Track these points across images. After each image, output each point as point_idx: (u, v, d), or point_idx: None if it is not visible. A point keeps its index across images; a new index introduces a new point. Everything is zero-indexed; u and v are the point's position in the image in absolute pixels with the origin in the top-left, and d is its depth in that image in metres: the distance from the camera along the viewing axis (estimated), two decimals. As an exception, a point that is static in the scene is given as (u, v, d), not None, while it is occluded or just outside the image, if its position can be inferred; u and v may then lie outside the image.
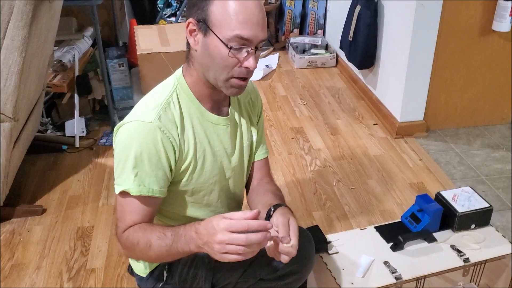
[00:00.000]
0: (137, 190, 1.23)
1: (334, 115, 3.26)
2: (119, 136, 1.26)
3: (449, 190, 1.74)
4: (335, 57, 3.95)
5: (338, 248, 1.61)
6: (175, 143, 1.25)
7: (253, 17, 1.16)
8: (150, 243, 1.20)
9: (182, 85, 1.30)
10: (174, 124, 1.26)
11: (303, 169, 2.69)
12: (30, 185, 2.56)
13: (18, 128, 2.18)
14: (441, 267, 1.55)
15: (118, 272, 2.03)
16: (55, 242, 2.19)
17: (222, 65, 1.20)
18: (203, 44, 1.21)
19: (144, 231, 1.23)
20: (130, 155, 1.22)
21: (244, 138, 1.44)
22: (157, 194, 1.25)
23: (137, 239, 1.23)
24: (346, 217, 2.33)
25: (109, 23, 3.80)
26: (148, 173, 1.23)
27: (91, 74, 3.20)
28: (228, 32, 1.16)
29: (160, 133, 1.22)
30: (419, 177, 2.63)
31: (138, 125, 1.22)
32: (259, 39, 1.19)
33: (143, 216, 1.26)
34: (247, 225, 1.06)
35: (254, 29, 1.17)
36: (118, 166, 1.25)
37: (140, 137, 1.22)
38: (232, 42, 1.16)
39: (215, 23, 1.17)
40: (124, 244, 1.27)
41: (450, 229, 1.69)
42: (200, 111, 1.32)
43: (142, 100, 1.31)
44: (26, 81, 2.10)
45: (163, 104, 1.26)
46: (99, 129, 3.07)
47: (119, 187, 1.25)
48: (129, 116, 1.27)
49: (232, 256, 1.07)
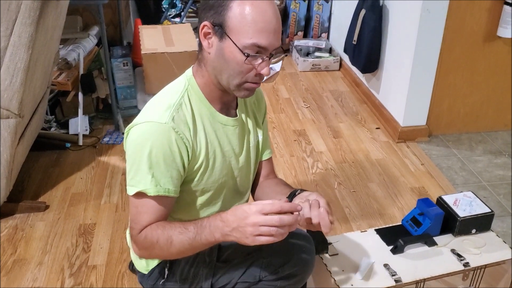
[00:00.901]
0: (155, 191, 1.24)
1: (337, 118, 3.27)
2: (132, 137, 1.26)
3: (450, 195, 1.75)
4: (338, 60, 3.96)
5: (338, 250, 1.62)
6: (188, 144, 1.27)
7: (271, 25, 1.18)
8: (172, 239, 1.22)
9: (193, 86, 1.32)
10: (186, 125, 1.27)
11: (305, 172, 2.70)
12: (33, 181, 2.57)
13: (23, 124, 2.19)
14: (441, 271, 1.55)
15: (119, 269, 2.04)
16: (57, 238, 2.20)
17: (237, 71, 1.22)
18: (218, 48, 1.22)
19: (163, 228, 1.24)
20: (146, 155, 1.22)
21: (251, 139, 1.47)
22: (172, 194, 1.27)
23: (156, 237, 1.24)
24: (346, 219, 2.34)
25: (114, 23, 3.81)
26: (163, 174, 1.24)
27: (96, 73, 3.21)
28: (246, 39, 1.17)
29: (174, 133, 1.24)
30: (421, 181, 2.63)
31: (152, 126, 1.24)
32: (274, 46, 1.21)
33: (159, 216, 1.27)
34: (280, 206, 1.11)
35: (271, 37, 1.19)
36: (132, 167, 1.26)
37: (155, 138, 1.23)
38: (248, 49, 1.18)
39: (232, 29, 1.18)
40: (142, 244, 1.28)
41: (451, 233, 1.69)
42: (211, 112, 1.33)
43: (152, 101, 1.32)
44: (32, 78, 2.11)
45: (176, 105, 1.27)
46: (102, 127, 3.08)
47: (134, 188, 1.25)
48: (141, 117, 1.27)
49: (264, 238, 1.11)
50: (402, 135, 2.98)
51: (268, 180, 1.58)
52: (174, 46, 3.12)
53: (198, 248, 1.25)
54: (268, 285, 1.40)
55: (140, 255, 1.35)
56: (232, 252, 1.44)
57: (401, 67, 2.94)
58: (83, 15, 3.48)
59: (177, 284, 1.46)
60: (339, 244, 1.65)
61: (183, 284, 1.46)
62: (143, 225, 1.27)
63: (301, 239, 1.44)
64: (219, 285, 1.44)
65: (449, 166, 2.78)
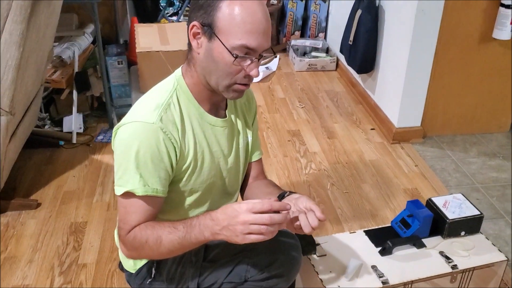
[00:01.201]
0: (143, 190, 1.23)
1: (332, 118, 3.27)
2: (120, 136, 1.26)
3: (440, 197, 1.75)
4: (335, 60, 3.96)
5: (326, 251, 1.62)
6: (176, 144, 1.26)
7: (260, 27, 1.18)
8: (161, 239, 1.21)
9: (181, 86, 1.31)
10: (174, 125, 1.27)
11: (298, 172, 2.70)
12: (26, 179, 2.57)
13: (14, 122, 2.19)
14: (429, 273, 1.55)
15: (109, 268, 2.04)
16: (48, 236, 2.20)
17: (225, 72, 1.22)
18: (207, 48, 1.22)
19: (153, 228, 1.23)
20: (133, 155, 1.22)
21: (240, 140, 1.46)
22: (161, 194, 1.26)
23: (145, 237, 1.23)
24: (338, 220, 2.34)
25: (110, 21, 3.80)
26: (151, 174, 1.24)
27: (91, 71, 3.21)
28: (235, 40, 1.17)
29: (162, 134, 1.23)
30: (414, 183, 2.63)
31: (140, 126, 1.23)
32: (264, 48, 1.20)
33: (148, 216, 1.27)
34: (270, 205, 1.12)
35: (260, 39, 1.18)
36: (120, 166, 1.25)
37: (143, 138, 1.22)
38: (237, 50, 1.18)
39: (221, 30, 1.18)
40: (130, 244, 1.27)
41: (440, 235, 1.69)
42: (199, 113, 1.33)
43: (141, 100, 1.31)
44: (24, 76, 2.11)
45: (164, 105, 1.26)
46: (96, 125, 3.08)
47: (122, 188, 1.24)
48: (129, 116, 1.27)
49: (254, 236, 1.12)
50: (396, 136, 2.98)
51: (257, 181, 1.57)
52: (169, 44, 3.13)
53: (188, 247, 1.24)
54: (254, 286, 1.40)
55: (129, 255, 1.34)
56: (219, 252, 1.44)
57: (396, 68, 2.94)
58: (79, 13, 3.47)
59: (164, 283, 1.46)
60: (328, 245, 1.65)
61: (170, 284, 1.45)
62: (132, 225, 1.26)
63: (288, 238, 1.44)
64: (206, 285, 1.44)
65: (443, 167, 2.78)
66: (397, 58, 2.92)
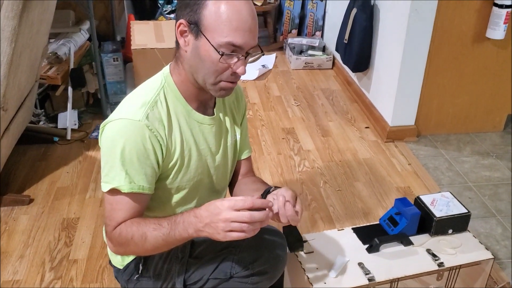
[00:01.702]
0: (129, 187, 1.24)
1: (327, 117, 3.27)
2: (106, 133, 1.26)
3: (428, 195, 1.76)
4: (331, 59, 3.96)
5: (314, 248, 1.63)
6: (162, 142, 1.27)
7: (246, 24, 1.18)
8: (146, 235, 1.22)
9: (169, 84, 1.31)
10: (161, 123, 1.27)
11: (291, 170, 2.70)
12: (19, 174, 2.58)
13: (7, 118, 2.19)
14: (415, 270, 1.56)
15: (100, 263, 2.05)
16: (40, 232, 2.21)
17: (212, 69, 1.22)
18: (193, 46, 1.22)
19: (138, 224, 1.24)
20: (119, 152, 1.23)
21: (228, 138, 1.47)
22: (147, 191, 1.27)
23: (131, 233, 1.24)
24: (330, 218, 2.34)
25: (107, 18, 3.81)
26: (138, 171, 1.24)
27: (86, 68, 3.21)
28: (220, 38, 1.17)
29: (148, 131, 1.24)
30: (407, 181, 2.64)
31: (127, 123, 1.23)
32: (250, 45, 1.21)
33: (134, 213, 1.28)
34: (252, 203, 1.12)
35: (246, 36, 1.18)
36: (106, 164, 1.26)
37: (129, 135, 1.23)
38: (223, 48, 1.18)
39: (207, 28, 1.18)
40: (116, 240, 1.28)
41: (428, 233, 1.70)
42: (187, 110, 1.33)
43: (128, 98, 1.32)
44: (16, 72, 2.12)
45: (151, 102, 1.27)
46: (91, 122, 3.08)
47: (108, 184, 1.25)
48: (116, 113, 1.27)
49: (236, 234, 1.13)
50: (390, 135, 2.99)
51: (245, 178, 1.58)
52: (164, 42, 3.13)
53: (173, 244, 1.25)
54: (239, 282, 1.41)
55: (116, 251, 1.35)
56: (205, 249, 1.44)
57: (390, 67, 2.94)
58: (76, 9, 3.48)
59: (150, 279, 1.47)
60: (315, 242, 1.65)
61: (157, 280, 1.46)
62: (118, 222, 1.27)
63: (273, 236, 1.44)
64: (192, 281, 1.45)
65: (436, 166, 2.78)
66: (391, 57, 2.92)
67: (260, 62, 3.99)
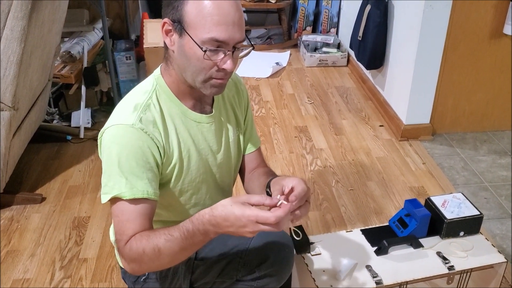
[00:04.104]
0: (131, 193, 1.18)
1: (340, 115, 3.23)
2: (103, 143, 1.23)
3: (439, 196, 1.71)
4: (346, 56, 3.92)
5: (321, 250, 1.60)
6: (159, 144, 1.24)
7: (228, 18, 1.14)
8: (159, 248, 1.14)
9: (161, 86, 1.28)
10: (155, 126, 1.24)
11: (303, 169, 2.68)
12: (32, 173, 2.60)
13: (18, 117, 2.21)
14: (424, 274, 1.52)
15: (109, 263, 2.05)
16: (51, 230, 2.22)
17: (198, 67, 1.19)
18: (179, 45, 1.19)
19: (148, 237, 1.16)
20: (116, 160, 1.18)
21: (230, 134, 1.43)
22: (152, 196, 1.21)
23: (141, 247, 1.15)
24: (341, 218, 2.32)
25: (121, 16, 3.82)
26: (139, 176, 1.19)
27: (100, 66, 3.22)
28: (203, 34, 1.14)
29: (143, 134, 1.20)
30: (420, 181, 2.59)
31: (120, 129, 1.20)
32: (235, 40, 1.16)
33: (142, 222, 1.19)
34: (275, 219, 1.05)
35: (230, 30, 1.14)
36: (104, 174, 1.21)
37: (124, 141, 1.19)
38: (207, 44, 1.15)
39: (189, 24, 1.15)
40: (129, 257, 1.18)
41: (439, 235, 1.66)
42: (182, 111, 1.30)
43: (120, 103, 1.29)
44: (27, 71, 2.13)
45: (143, 106, 1.23)
46: (104, 120, 3.05)
47: (108, 195, 1.20)
48: (110, 120, 1.24)
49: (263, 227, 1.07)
50: (405, 133, 2.94)
51: (254, 173, 1.53)
52: (176, 40, 3.11)
53: (192, 252, 1.18)
54: (245, 285, 1.39)
55: (131, 270, 1.23)
56: (211, 250, 1.42)
57: (404, 64, 2.89)
58: (90, 8, 3.49)
59: (157, 281, 1.46)
60: (323, 243, 1.63)
61: (163, 281, 1.45)
62: (129, 235, 1.19)
63: (280, 237, 1.42)
64: (198, 283, 1.44)
65: (451, 165, 2.73)
66: (405, 54, 2.88)
67: (274, 59, 3.97)
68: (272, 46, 4.26)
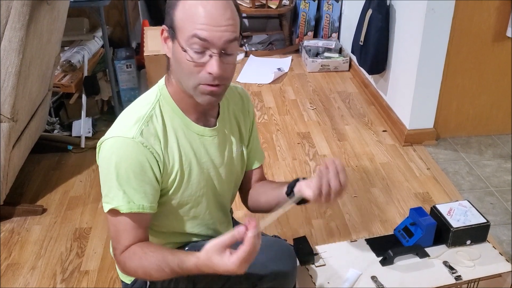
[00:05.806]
0: (127, 207, 1.19)
1: (343, 120, 3.21)
2: (101, 153, 1.22)
3: (445, 204, 1.68)
4: (348, 61, 3.89)
5: (325, 261, 1.57)
6: (159, 158, 1.22)
7: (212, 16, 1.11)
8: (150, 274, 1.19)
9: (165, 96, 1.26)
10: (157, 138, 1.22)
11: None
12: (33, 184, 2.58)
13: (18, 128, 2.19)
14: (431, 284, 1.49)
15: (111, 275, 2.03)
16: (52, 242, 2.20)
17: (187, 71, 1.15)
18: (173, 51, 1.18)
19: (140, 260, 1.19)
20: (115, 172, 1.18)
21: (233, 149, 1.41)
22: (147, 210, 1.22)
23: (133, 268, 1.21)
24: (346, 226, 2.28)
25: (121, 24, 3.81)
26: (136, 190, 1.20)
27: (100, 75, 3.21)
28: (186, 33, 1.12)
29: (143, 148, 1.19)
30: (425, 187, 2.56)
31: (120, 141, 1.18)
32: (222, 40, 1.12)
33: (137, 232, 1.23)
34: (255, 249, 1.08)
35: (214, 29, 1.11)
36: (105, 184, 1.22)
37: (122, 154, 1.18)
38: (191, 44, 1.12)
39: (178, 28, 1.13)
40: (123, 269, 1.26)
41: (445, 244, 1.63)
42: (185, 123, 1.28)
43: (123, 113, 1.27)
44: (26, 82, 2.11)
45: (145, 118, 1.22)
46: (105, 129, 3.03)
47: (108, 205, 1.21)
48: (111, 131, 1.23)
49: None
50: (408, 138, 2.91)
51: (261, 183, 1.53)
52: (177, 48, 3.09)
53: None
54: (248, 299, 1.37)
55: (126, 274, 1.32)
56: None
57: (407, 68, 2.86)
58: (90, 17, 3.48)
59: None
60: (327, 254, 1.60)
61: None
62: (125, 245, 1.22)
63: (282, 249, 1.39)
64: (199, 297, 1.41)
65: (456, 170, 2.70)
66: (408, 58, 2.85)
67: (275, 65, 3.95)
68: (273, 52, 4.24)
